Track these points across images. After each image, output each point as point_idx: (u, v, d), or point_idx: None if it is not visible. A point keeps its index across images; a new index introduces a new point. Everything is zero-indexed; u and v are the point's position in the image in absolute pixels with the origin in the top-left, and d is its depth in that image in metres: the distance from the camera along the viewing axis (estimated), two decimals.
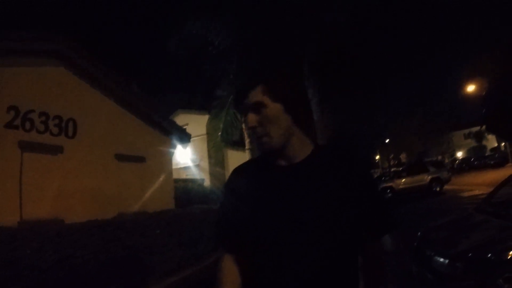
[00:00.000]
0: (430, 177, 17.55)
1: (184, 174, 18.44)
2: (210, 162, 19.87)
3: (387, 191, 18.31)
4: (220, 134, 10.90)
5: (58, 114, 7.16)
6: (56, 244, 4.64)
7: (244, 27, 9.87)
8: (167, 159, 10.64)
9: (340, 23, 9.99)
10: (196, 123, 19.36)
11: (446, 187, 17.71)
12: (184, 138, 11.66)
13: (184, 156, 17.95)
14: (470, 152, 46.26)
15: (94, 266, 4.98)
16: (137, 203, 8.45)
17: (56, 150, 7.03)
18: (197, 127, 18.73)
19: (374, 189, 1.20)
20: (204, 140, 20.51)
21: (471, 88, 19.89)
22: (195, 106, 21.56)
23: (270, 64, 1.28)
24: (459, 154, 49.31)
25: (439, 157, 48.31)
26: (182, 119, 19.19)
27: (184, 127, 12.83)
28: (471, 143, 47.75)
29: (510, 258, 3.35)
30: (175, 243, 6.76)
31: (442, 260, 3.68)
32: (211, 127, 10.39)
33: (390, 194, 18.12)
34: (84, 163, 7.53)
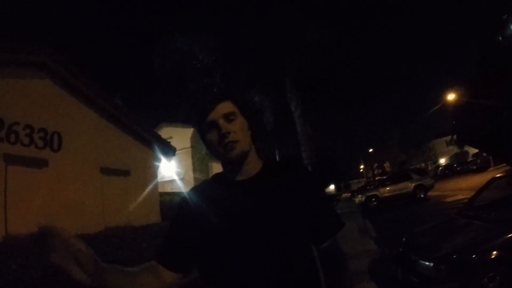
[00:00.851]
0: (413, 184, 17.78)
1: (170, 187, 18.27)
2: (195, 175, 19.78)
3: (372, 200, 18.47)
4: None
5: (43, 127, 7.08)
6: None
7: (227, 45, 10.00)
8: (152, 173, 10.57)
9: (320, 42, 10.21)
10: (181, 136, 19.30)
11: (430, 193, 17.95)
12: (169, 151, 11.62)
13: (169, 169, 17.82)
14: (452, 158, 47.05)
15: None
16: (122, 217, 8.36)
17: (41, 163, 6.93)
18: (181, 140, 18.67)
19: (323, 194, 1.32)
20: (188, 153, 20.40)
21: (451, 96, 20.40)
22: (179, 119, 21.44)
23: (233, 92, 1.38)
24: (442, 161, 50.15)
25: (422, 164, 49.10)
26: (166, 132, 19.07)
27: (169, 140, 12.80)
28: (454, 149, 48.63)
29: (493, 258, 3.45)
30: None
31: (426, 263, 3.76)
32: (195, 140, 10.38)
33: (375, 203, 18.25)
34: (69, 176, 7.43)
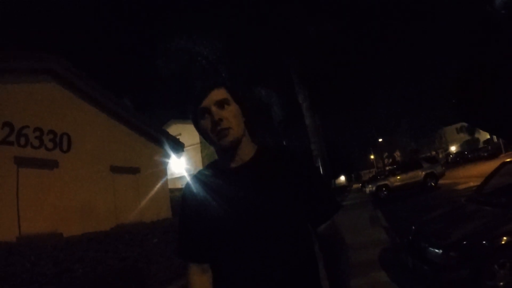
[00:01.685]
0: (424, 172, 17.59)
1: (180, 184, 18.40)
2: None
3: (382, 190, 18.35)
4: None
5: (52, 129, 7.18)
6: (54, 258, 4.65)
7: (233, 41, 9.97)
8: (161, 169, 10.63)
9: (324, 34, 10.10)
10: (189, 133, 19.33)
11: (441, 182, 17.76)
12: (178, 147, 11.67)
13: (178, 166, 17.92)
14: (463, 146, 46.63)
15: (93, 279, 4.98)
16: (133, 214, 8.46)
17: (51, 164, 7.03)
18: (190, 136, 18.71)
19: (318, 176, 1.31)
20: (197, 149, 20.46)
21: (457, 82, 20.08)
22: (188, 116, 21.38)
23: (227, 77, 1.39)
24: (453, 149, 49.67)
25: (433, 152, 48.65)
26: (175, 129, 19.18)
27: (178, 137, 12.85)
28: (464, 137, 48.14)
29: (503, 244, 3.40)
30: (173, 251, 6.77)
31: (436, 251, 3.74)
32: None
33: (386, 192, 18.13)
34: (79, 176, 7.54)
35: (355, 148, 45.80)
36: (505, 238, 3.41)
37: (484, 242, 3.48)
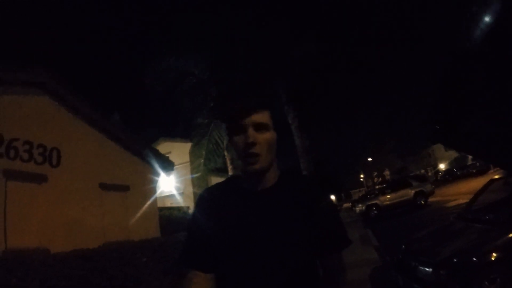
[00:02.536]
0: (413, 191, 17.66)
1: (169, 202, 18.18)
2: (194, 189, 19.68)
3: (372, 209, 18.37)
4: (202, 161, 10.88)
5: (42, 143, 7.11)
6: (41, 274, 4.54)
7: (219, 61, 10.07)
8: (151, 188, 10.55)
9: (309, 56, 10.28)
10: (179, 151, 19.23)
11: (431, 199, 17.85)
12: (168, 166, 11.63)
13: (168, 184, 17.78)
14: (452, 163, 46.94)
15: None
16: (122, 232, 8.32)
17: (40, 178, 6.94)
18: (180, 154, 18.60)
19: (332, 210, 1.30)
20: (187, 167, 20.19)
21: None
22: (178, 134, 21.40)
23: (272, 96, 1.37)
24: (442, 166, 50.04)
25: (422, 171, 49.01)
26: (164, 147, 19.07)
27: (167, 155, 12.82)
28: (453, 154, 48.58)
29: (493, 260, 3.42)
30: (161, 271, 6.66)
31: (426, 269, 3.74)
32: (193, 155, 10.38)
33: (376, 212, 18.15)
34: (68, 192, 7.44)
35: (345, 168, 46.10)
36: (494, 254, 3.44)
37: (474, 259, 3.49)
